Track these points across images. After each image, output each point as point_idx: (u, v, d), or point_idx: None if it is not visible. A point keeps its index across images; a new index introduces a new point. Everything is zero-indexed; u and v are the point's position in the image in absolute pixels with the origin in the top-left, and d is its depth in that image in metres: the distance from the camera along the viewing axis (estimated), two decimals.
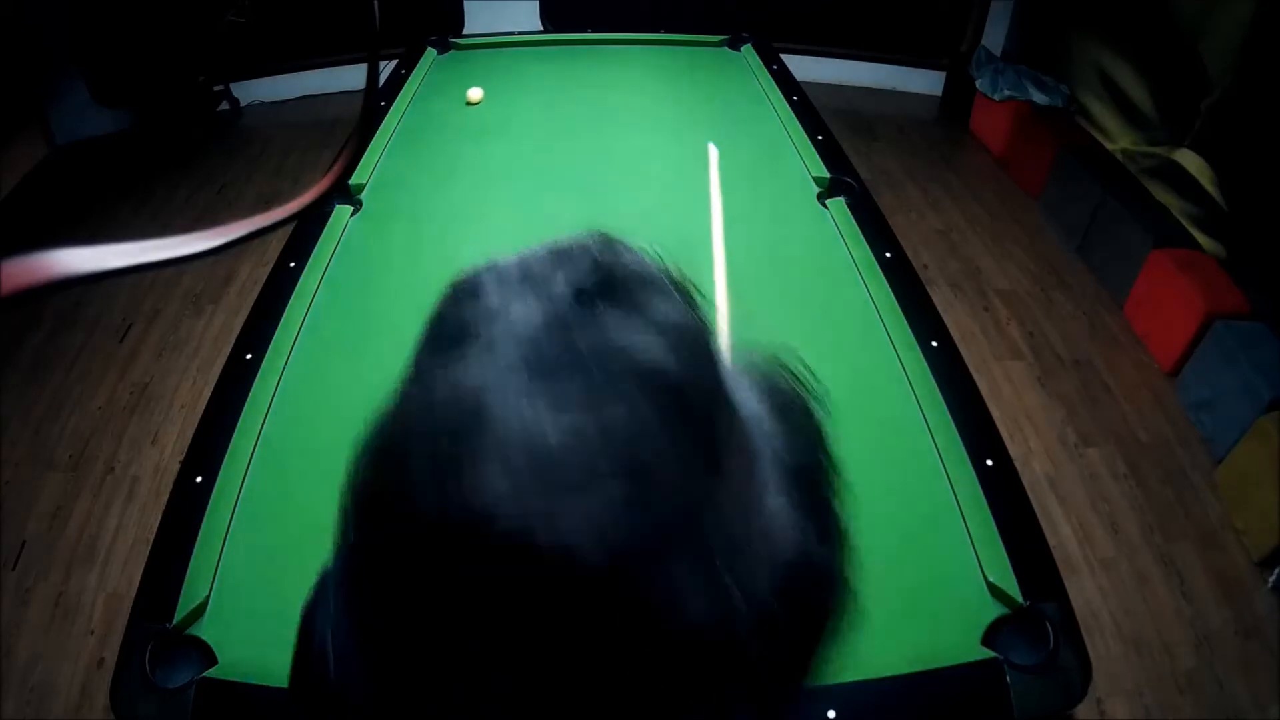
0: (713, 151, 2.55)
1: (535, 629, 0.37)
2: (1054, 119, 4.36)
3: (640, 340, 0.38)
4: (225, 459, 1.50)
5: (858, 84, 5.30)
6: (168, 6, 4.34)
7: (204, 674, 1.18)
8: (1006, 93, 4.51)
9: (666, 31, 3.31)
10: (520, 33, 3.47)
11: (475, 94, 2.72)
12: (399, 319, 1.95)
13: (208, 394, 1.66)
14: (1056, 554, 1.44)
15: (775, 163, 2.51)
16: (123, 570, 2.43)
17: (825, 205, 2.28)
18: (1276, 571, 2.48)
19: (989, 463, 1.52)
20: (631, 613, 0.37)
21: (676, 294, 0.42)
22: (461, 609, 0.38)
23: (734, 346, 0.46)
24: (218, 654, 1.21)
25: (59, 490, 2.68)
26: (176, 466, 1.53)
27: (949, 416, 1.61)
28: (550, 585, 0.36)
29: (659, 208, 2.31)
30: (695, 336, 0.41)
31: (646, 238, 0.43)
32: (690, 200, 2.35)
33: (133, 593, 1.30)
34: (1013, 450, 1.62)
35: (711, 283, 2.04)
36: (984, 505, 1.44)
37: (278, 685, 1.17)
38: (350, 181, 2.27)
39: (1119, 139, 4.00)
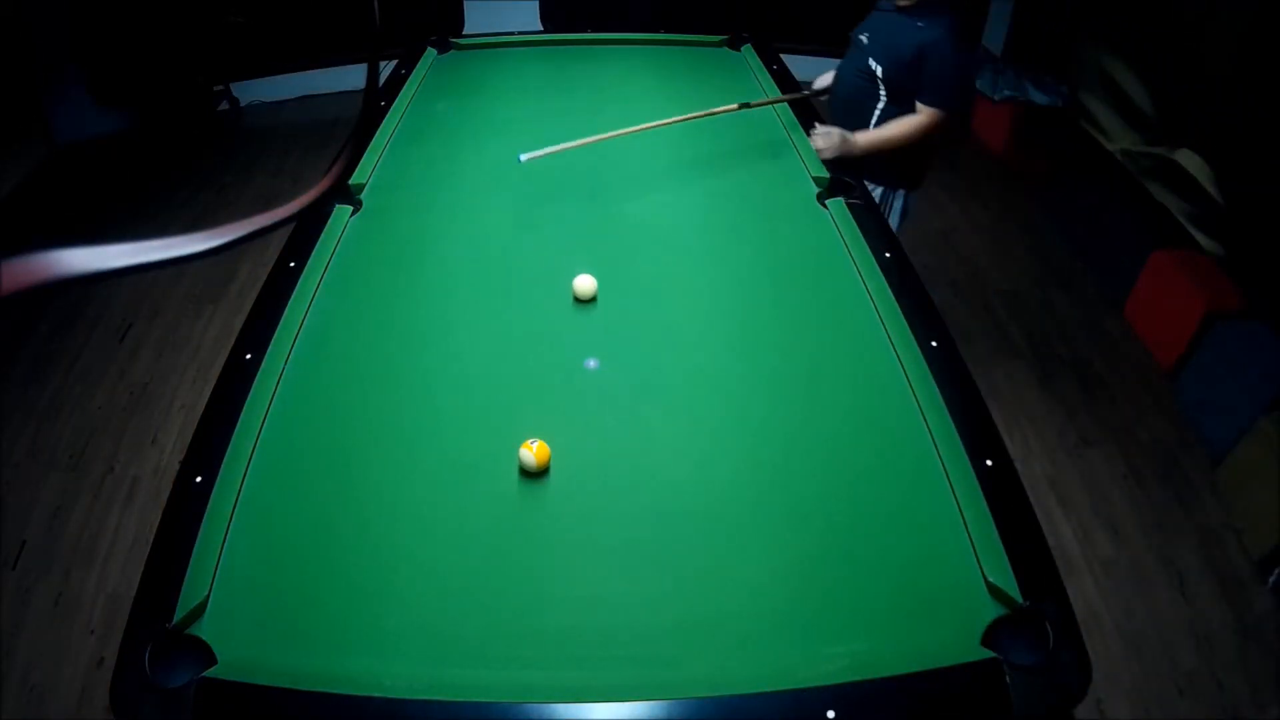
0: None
1: None
2: (1054, 119, 4.35)
3: None
4: (225, 459, 1.49)
5: None
6: (168, 6, 4.34)
7: (204, 674, 1.18)
8: (1006, 93, 4.51)
9: (666, 31, 3.31)
10: (520, 33, 3.47)
11: (587, 285, 1.95)
12: (399, 319, 1.96)
13: (208, 394, 1.66)
14: (1056, 554, 1.43)
15: (775, 162, 2.51)
16: (123, 570, 2.43)
17: (825, 205, 2.28)
18: (1276, 571, 2.48)
19: (989, 463, 1.52)
20: None
21: None
22: None
23: None
24: (218, 654, 1.21)
25: (59, 490, 2.68)
26: (176, 466, 1.53)
27: (949, 416, 1.61)
28: None
29: (658, 207, 2.31)
30: None
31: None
32: (689, 200, 2.35)
33: (133, 593, 1.30)
34: (1013, 450, 1.62)
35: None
36: (984, 505, 1.44)
37: (278, 685, 1.17)
38: (350, 181, 2.27)
39: (1119, 139, 4.00)
